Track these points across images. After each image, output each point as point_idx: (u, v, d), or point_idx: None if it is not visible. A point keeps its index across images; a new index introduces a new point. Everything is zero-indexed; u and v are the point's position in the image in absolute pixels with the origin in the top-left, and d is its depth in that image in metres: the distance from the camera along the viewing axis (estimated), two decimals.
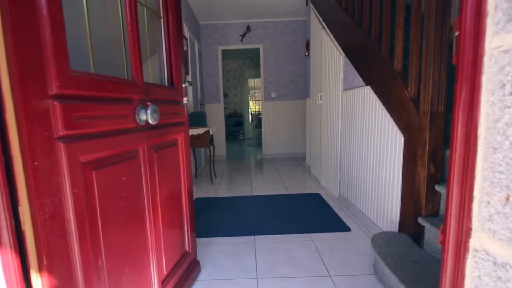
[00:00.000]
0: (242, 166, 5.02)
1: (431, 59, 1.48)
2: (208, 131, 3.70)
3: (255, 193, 3.37)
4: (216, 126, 5.68)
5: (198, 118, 3.71)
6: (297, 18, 5.44)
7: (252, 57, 9.35)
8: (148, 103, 1.14)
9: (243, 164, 5.28)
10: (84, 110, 0.81)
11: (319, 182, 3.74)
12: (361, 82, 2.43)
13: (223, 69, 9.67)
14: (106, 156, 0.91)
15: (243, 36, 5.52)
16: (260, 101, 9.52)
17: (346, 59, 2.75)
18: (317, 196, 3.15)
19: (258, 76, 9.38)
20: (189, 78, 4.01)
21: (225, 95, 9.75)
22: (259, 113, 9.01)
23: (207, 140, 3.72)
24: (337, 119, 2.99)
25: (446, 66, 1.48)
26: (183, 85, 1.57)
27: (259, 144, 7.96)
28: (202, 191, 3.54)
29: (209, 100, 5.67)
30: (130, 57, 1.09)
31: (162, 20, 1.44)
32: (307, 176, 4.11)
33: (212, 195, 3.36)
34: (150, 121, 1.09)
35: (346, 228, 2.30)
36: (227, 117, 9.77)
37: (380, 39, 2.16)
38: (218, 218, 2.63)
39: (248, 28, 5.48)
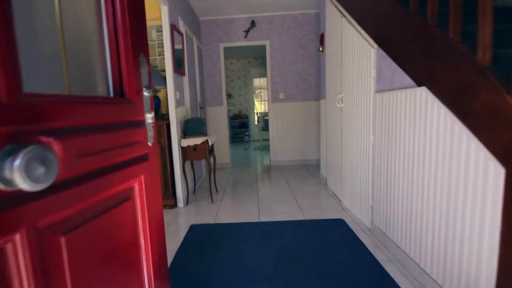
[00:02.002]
0: (247, 177, 4.41)
1: None
2: (206, 141, 3.09)
3: (263, 217, 2.75)
4: (219, 132, 5.08)
5: (195, 126, 3.10)
6: (307, 10, 4.80)
7: (258, 55, 8.73)
8: (31, 142, 0.53)
9: (248, 173, 4.66)
10: None
11: (340, 201, 3.10)
12: (408, 81, 1.80)
13: (226, 68, 9.10)
14: None
15: (247, 32, 4.90)
16: (266, 101, 8.92)
17: (381, 52, 2.11)
18: (341, 224, 2.52)
19: (264, 75, 8.76)
20: (189, 79, 3.41)
21: (229, 96, 9.16)
22: (265, 114, 8.39)
23: (205, 151, 3.11)
24: (367, 128, 2.36)
25: None
26: (145, 93, 0.95)
27: (265, 148, 7.35)
28: (200, 214, 2.93)
29: (210, 103, 5.07)
30: None
31: None
32: (324, 191, 3.47)
33: (211, 220, 2.75)
34: (23, 186, 0.47)
35: (393, 285, 1.67)
36: (232, 118, 9.18)
37: (444, 20, 1.51)
38: (216, 262, 2.01)
39: (253, 23, 4.86)
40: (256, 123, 9.36)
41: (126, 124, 0.86)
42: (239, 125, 9.27)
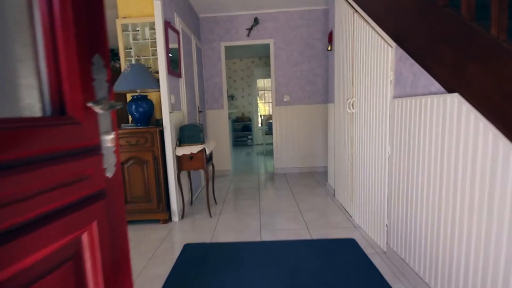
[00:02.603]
0: (249, 185, 4.15)
1: None
2: (204, 149, 2.84)
3: (266, 235, 2.49)
4: (220, 137, 4.83)
5: (191, 133, 2.85)
6: (314, 6, 4.53)
7: (262, 54, 8.48)
8: None
9: (250, 181, 4.40)
10: None
11: (350, 216, 2.83)
12: (435, 86, 1.53)
13: (228, 68, 8.85)
14: None
15: (250, 30, 4.65)
16: (270, 103, 8.63)
17: (400, 52, 1.84)
18: (352, 246, 2.25)
19: (269, 76, 8.49)
20: (187, 81, 3.15)
21: (232, 97, 8.91)
22: (269, 117, 8.13)
23: (202, 161, 2.86)
24: (383, 138, 2.09)
25: None
26: (98, 109, 0.69)
27: (269, 152, 7.08)
28: (197, 230, 2.68)
29: (210, 106, 4.82)
30: None
31: None
32: (332, 204, 3.21)
33: (208, 238, 2.50)
34: None
35: None
36: (234, 121, 8.93)
37: (485, 14, 1.25)
38: None
39: (256, 21, 4.60)
40: (259, 125, 9.10)
41: (67, 154, 0.61)
42: (242, 128, 9.01)
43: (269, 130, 7.30)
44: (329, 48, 3.45)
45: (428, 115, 1.55)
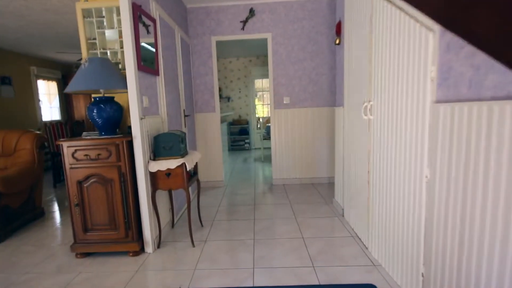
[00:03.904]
0: (243, 201, 3.59)
1: None
2: (183, 165, 2.29)
3: (260, 278, 1.94)
4: (211, 144, 4.27)
5: (168, 144, 2.30)
6: None
7: (260, 53, 7.93)
8: None
9: (245, 195, 3.85)
10: None
11: (366, 247, 2.28)
12: (508, 86, 0.98)
13: (224, 68, 8.29)
14: None
15: (244, 22, 4.10)
16: (269, 105, 8.05)
17: (448, 37, 1.29)
18: None
19: (267, 75, 7.95)
20: (167, 80, 2.57)
21: (228, 99, 8.36)
22: (268, 119, 7.58)
23: (182, 178, 2.31)
24: (419, 156, 1.54)
25: None
26: None
27: (267, 159, 6.53)
28: (174, 267, 2.12)
29: (200, 109, 4.26)
30: None
31: None
32: (341, 228, 2.65)
33: (186, 283, 1.94)
34: None
35: None
36: (230, 124, 8.38)
37: None
38: None
39: (252, 12, 4.05)
40: (257, 128, 8.55)
41: None
42: (239, 132, 8.46)
43: (267, 135, 6.74)
44: (337, 42, 2.90)
45: (508, 130, 1.00)
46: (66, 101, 7.41)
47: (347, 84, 2.65)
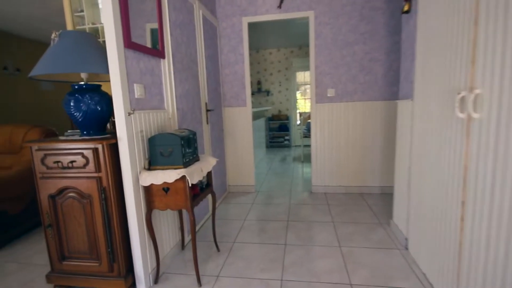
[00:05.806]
0: (275, 215, 2.93)
1: None
2: (184, 178, 1.68)
3: None
4: (241, 143, 3.67)
5: (165, 148, 1.71)
6: None
7: (302, 43, 7.14)
8: None
9: (278, 205, 3.19)
10: None
11: None
12: None
13: (264, 60, 7.63)
14: None
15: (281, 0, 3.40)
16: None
17: None
18: None
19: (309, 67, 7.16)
20: (178, 66, 1.98)
21: (267, 93, 7.71)
22: (309, 115, 6.80)
23: (184, 195, 1.70)
24: None
25: None
26: None
27: (308, 158, 5.79)
28: None
29: (229, 103, 3.67)
30: None
31: None
32: (405, 268, 1.88)
33: None
34: None
35: None
36: (270, 119, 7.75)
37: None
38: None
39: None
40: (297, 123, 7.79)
41: None
42: (279, 128, 7.79)
43: (307, 132, 5.99)
44: (405, 8, 2.09)
45: None
46: None
47: (421, 67, 1.85)
